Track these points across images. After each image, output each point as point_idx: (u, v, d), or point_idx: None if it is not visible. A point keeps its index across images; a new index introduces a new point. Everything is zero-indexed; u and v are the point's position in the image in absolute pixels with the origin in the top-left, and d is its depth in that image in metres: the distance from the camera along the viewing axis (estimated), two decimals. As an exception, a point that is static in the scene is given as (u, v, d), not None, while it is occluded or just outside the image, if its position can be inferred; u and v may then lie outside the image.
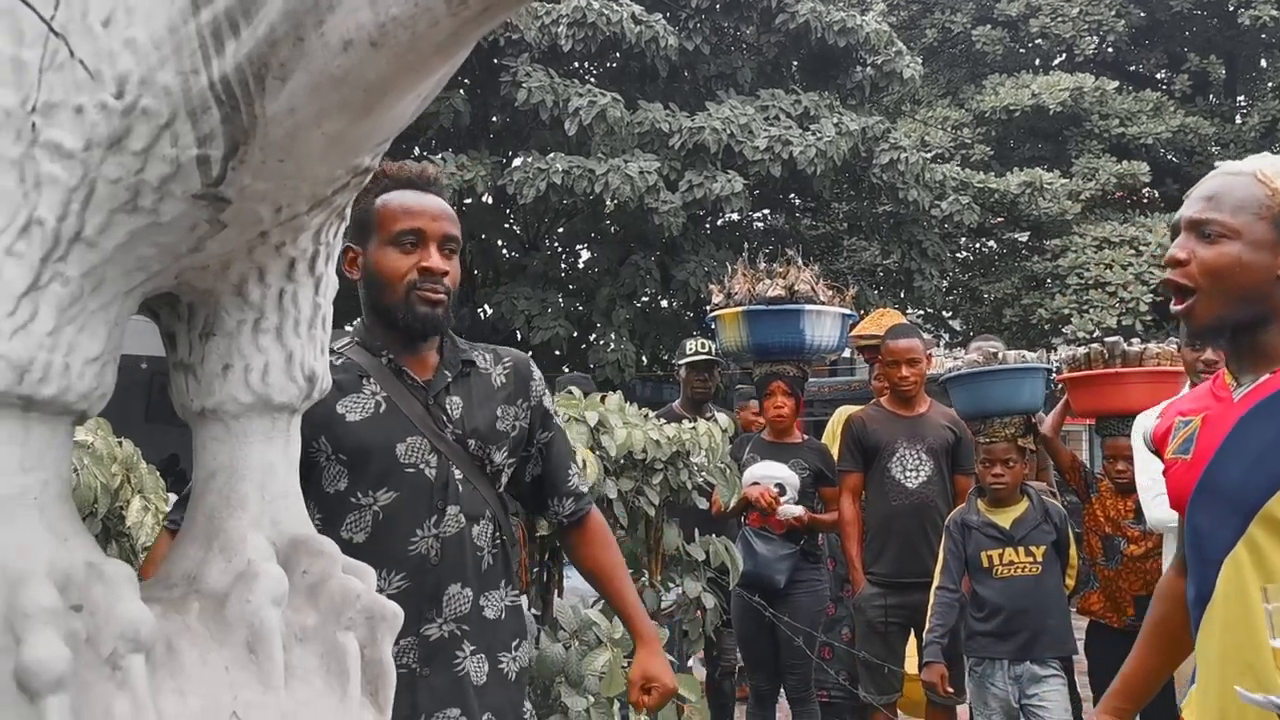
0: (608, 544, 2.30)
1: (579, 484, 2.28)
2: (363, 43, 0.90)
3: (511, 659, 2.07)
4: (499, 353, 2.20)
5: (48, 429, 1.05)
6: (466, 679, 1.97)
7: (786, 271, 5.43)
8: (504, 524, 2.10)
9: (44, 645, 0.92)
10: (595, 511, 2.30)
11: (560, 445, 2.26)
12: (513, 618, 2.10)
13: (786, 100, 12.94)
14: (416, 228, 1.98)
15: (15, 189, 0.99)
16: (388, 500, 1.96)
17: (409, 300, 1.98)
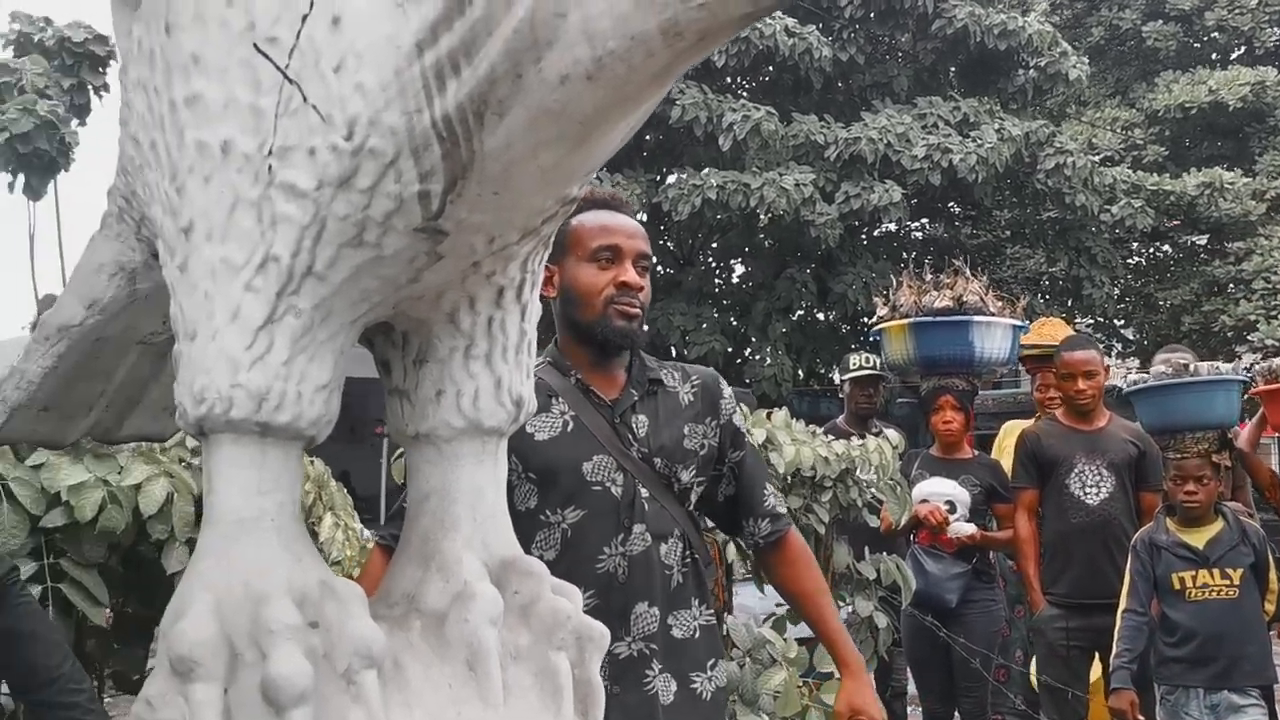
0: (809, 566, 2.23)
1: (775, 504, 2.23)
2: (579, 77, 0.93)
3: (706, 679, 2.05)
4: (688, 371, 2.19)
5: (282, 454, 1.11)
6: (655, 698, 1.97)
7: (954, 282, 5.31)
8: (695, 543, 2.09)
9: (288, 660, 0.97)
10: (794, 532, 2.24)
11: (753, 465, 2.22)
12: (706, 637, 2.08)
13: (945, 107, 12.67)
14: (613, 244, 2.01)
15: (254, 228, 1.06)
16: (575, 518, 1.99)
17: (606, 315, 2.01)
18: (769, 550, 2.21)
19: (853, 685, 2.14)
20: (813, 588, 2.21)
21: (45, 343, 1.42)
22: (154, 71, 1.13)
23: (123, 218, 1.36)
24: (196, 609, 1.03)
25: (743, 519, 2.20)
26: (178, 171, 1.10)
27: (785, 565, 2.21)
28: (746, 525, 2.20)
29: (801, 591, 2.21)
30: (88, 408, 1.54)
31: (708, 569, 2.17)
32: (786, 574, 2.22)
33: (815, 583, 2.22)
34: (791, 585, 2.22)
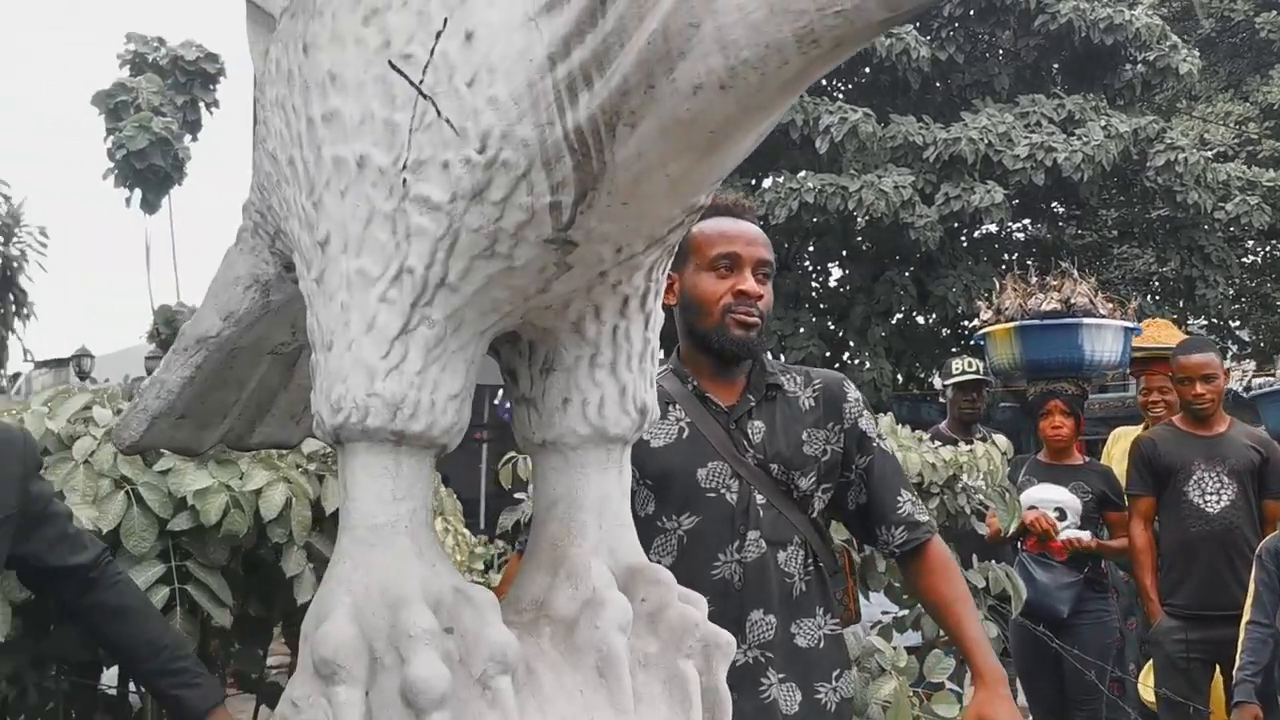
0: (949, 575, 2.13)
1: (913, 511, 2.13)
2: (712, 86, 0.93)
3: (831, 689, 2.02)
4: (811, 375, 2.16)
5: (416, 461, 1.14)
6: (774, 706, 1.95)
7: (1062, 283, 5.19)
8: (819, 551, 2.06)
9: (428, 665, 0.99)
10: (936, 541, 2.14)
11: (885, 470, 2.14)
12: (831, 648, 2.04)
13: (1048, 105, 12.39)
14: (732, 252, 2.00)
15: (388, 240, 1.08)
16: (690, 525, 1.99)
17: (724, 323, 2.00)
18: (908, 559, 2.13)
19: (985, 696, 2.02)
20: (952, 596, 2.11)
21: (184, 353, 1.47)
22: (292, 90, 1.16)
23: (257, 232, 1.41)
24: (337, 613, 1.05)
25: (876, 527, 2.12)
26: (315, 186, 1.13)
27: (925, 574, 2.12)
28: (880, 533, 2.12)
29: (939, 600, 2.12)
30: (222, 415, 1.59)
31: (835, 578, 2.13)
32: (926, 583, 2.13)
33: (955, 591, 2.12)
34: (930, 594, 2.13)
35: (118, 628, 1.89)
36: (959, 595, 2.12)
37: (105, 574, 1.90)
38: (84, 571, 1.87)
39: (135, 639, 1.85)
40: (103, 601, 1.88)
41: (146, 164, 11.54)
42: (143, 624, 1.88)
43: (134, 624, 1.87)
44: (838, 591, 2.17)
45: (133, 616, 1.88)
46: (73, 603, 1.90)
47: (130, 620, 1.88)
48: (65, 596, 1.90)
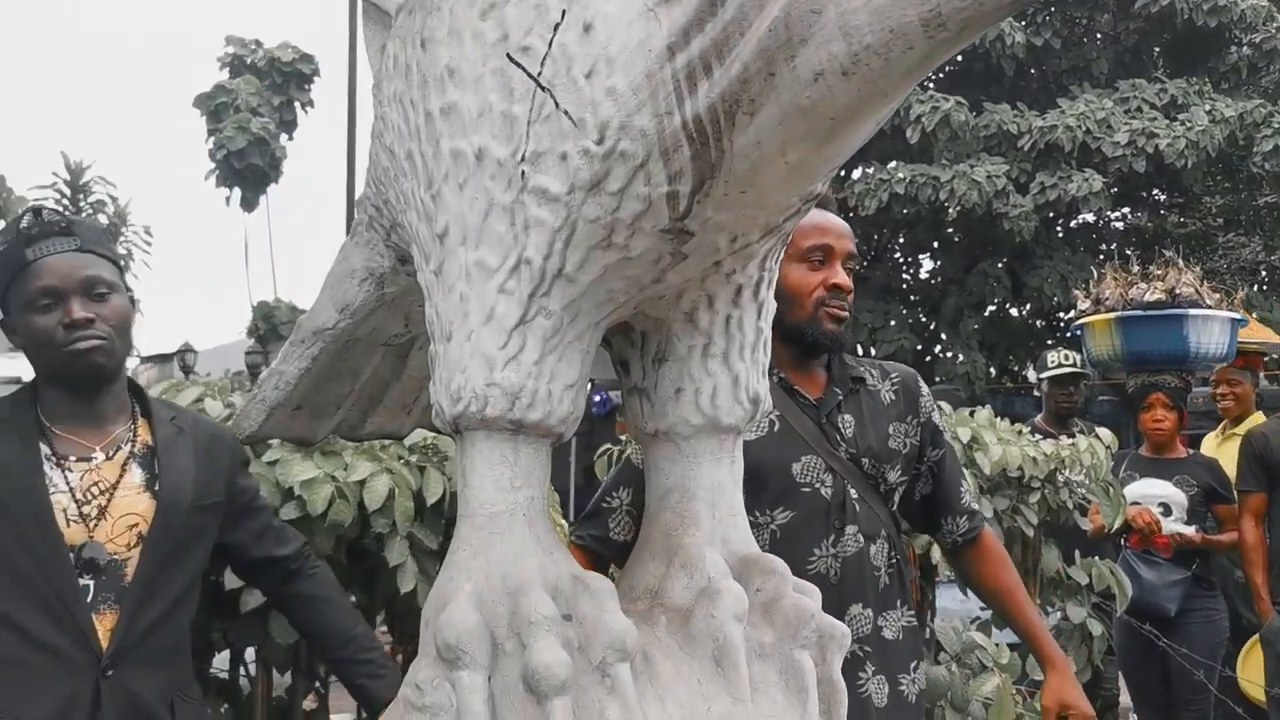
0: (1005, 563, 2.18)
1: (971, 502, 2.17)
2: (834, 73, 0.92)
3: (910, 680, 2.01)
4: (885, 368, 2.16)
5: (533, 450, 1.15)
6: (869, 701, 1.93)
7: (1165, 273, 5.04)
8: (897, 543, 2.06)
9: (549, 651, 1.00)
10: (988, 530, 2.18)
11: (951, 462, 2.17)
12: (910, 639, 2.04)
13: (1150, 90, 12.04)
14: (825, 244, 1.99)
15: (507, 232, 1.10)
16: (785, 519, 1.97)
17: (817, 316, 1.99)
18: (966, 548, 2.17)
19: (1059, 681, 2.08)
20: (1011, 583, 2.15)
21: (301, 345, 1.50)
22: (410, 85, 1.18)
23: (372, 226, 1.43)
24: (459, 600, 1.07)
25: (941, 517, 2.15)
26: (434, 179, 1.15)
27: (982, 563, 2.17)
28: (945, 523, 2.15)
29: (1000, 588, 2.16)
30: (336, 406, 1.62)
31: (906, 569, 2.13)
32: (984, 571, 2.17)
33: (1013, 578, 2.16)
34: (989, 582, 2.17)
35: (314, 616, 2.00)
36: (1017, 583, 2.16)
37: (305, 566, 2.03)
38: (286, 563, 1.99)
39: (329, 628, 1.97)
40: (302, 591, 1.99)
41: (245, 163, 11.85)
42: (337, 614, 1.99)
43: (329, 614, 1.98)
44: (907, 582, 2.17)
45: (328, 607, 1.99)
46: (275, 591, 2.02)
47: (326, 610, 1.99)
48: (269, 585, 2.02)
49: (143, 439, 1.82)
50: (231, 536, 1.93)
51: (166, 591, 1.77)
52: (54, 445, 1.74)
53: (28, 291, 1.72)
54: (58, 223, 1.75)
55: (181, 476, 1.81)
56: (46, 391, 1.79)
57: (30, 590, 1.65)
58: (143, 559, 1.73)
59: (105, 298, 1.75)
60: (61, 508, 1.69)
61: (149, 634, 1.73)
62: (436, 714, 1.04)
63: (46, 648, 1.65)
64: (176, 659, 1.84)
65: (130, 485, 1.76)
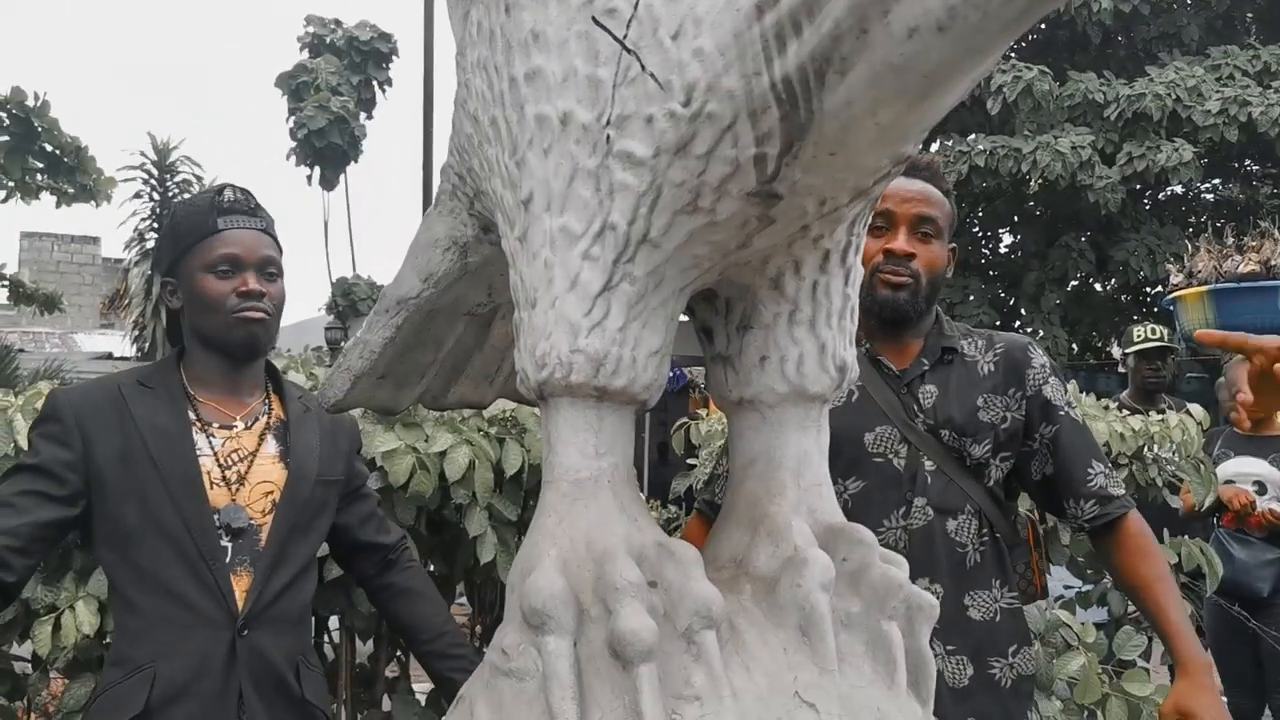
0: (1146, 553, 2.01)
1: (1106, 484, 2.03)
2: (929, 28, 0.89)
3: (1007, 665, 1.96)
4: (993, 339, 2.08)
5: (617, 417, 1.15)
6: (940, 678, 1.91)
7: (1260, 245, 4.89)
8: (996, 521, 1.99)
9: (635, 617, 1.00)
10: (1134, 516, 2.04)
11: (1074, 440, 2.04)
12: (1008, 621, 1.98)
13: (1242, 57, 11.62)
14: (885, 209, 1.96)
15: (591, 198, 1.09)
16: (856, 489, 1.95)
17: (872, 283, 1.96)
18: (1100, 535, 2.05)
19: (1186, 686, 1.90)
20: (1150, 576, 1.99)
21: (385, 314, 1.52)
22: (494, 51, 1.17)
23: (455, 195, 1.43)
24: (545, 565, 1.07)
25: (1064, 499, 2.05)
26: (518, 145, 1.14)
27: (1119, 552, 2.03)
28: (1068, 507, 2.04)
29: (1136, 580, 2.00)
30: (419, 376, 1.63)
31: (1015, 550, 2.06)
32: (1122, 561, 2.03)
33: (1155, 570, 1.99)
34: (1127, 573, 2.02)
35: (407, 608, 2.07)
36: (1159, 575, 1.99)
37: (402, 557, 2.12)
38: (385, 552, 2.07)
39: (420, 620, 2.04)
40: (396, 582, 2.07)
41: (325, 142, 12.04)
42: (428, 608, 2.06)
43: (421, 607, 2.05)
44: (1019, 564, 2.09)
45: (421, 600, 2.06)
46: (371, 580, 2.09)
47: (418, 603, 2.06)
48: (366, 572, 2.09)
49: (276, 413, 1.92)
50: (341, 517, 2.02)
51: (295, 558, 1.86)
52: (199, 411, 1.85)
53: (211, 256, 1.83)
54: (247, 202, 1.88)
55: (309, 451, 1.90)
56: (195, 358, 1.90)
57: (177, 549, 1.74)
58: (275, 525, 1.83)
59: (274, 279, 1.89)
60: (206, 470, 1.79)
61: (279, 598, 1.82)
62: (522, 678, 1.04)
63: (188, 604, 1.74)
64: (301, 626, 1.93)
65: (267, 455, 1.87)
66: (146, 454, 1.73)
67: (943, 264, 2.02)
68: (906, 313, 1.99)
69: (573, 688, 1.01)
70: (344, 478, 2.00)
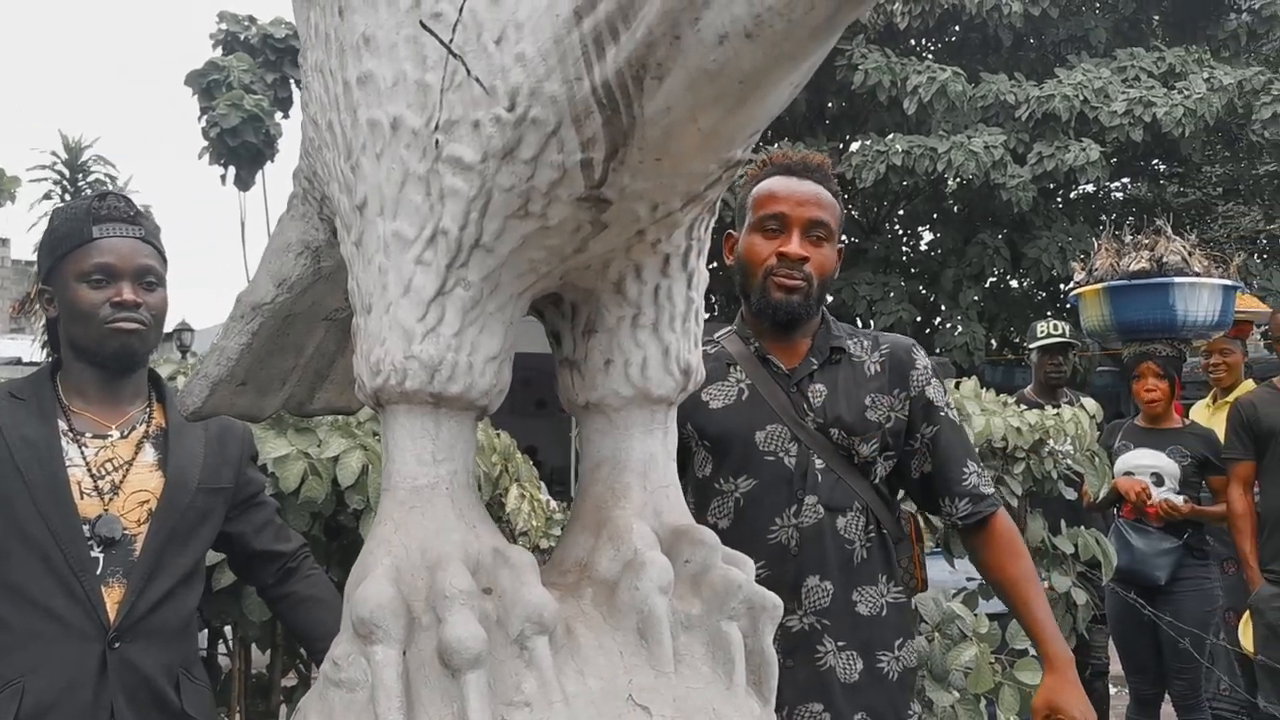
0: (1015, 552, 2.06)
1: (978, 484, 2.07)
2: (738, 35, 0.90)
3: (893, 658, 1.99)
4: (878, 339, 2.11)
5: (455, 424, 1.14)
6: (831, 674, 1.93)
7: (1154, 242, 5.03)
8: (883, 518, 2.02)
9: (463, 625, 1.00)
10: (1001, 515, 2.08)
11: (951, 440, 2.08)
12: (895, 616, 2.01)
13: (1148, 58, 11.95)
14: (780, 213, 1.97)
15: (423, 203, 1.08)
16: (748, 487, 1.97)
17: (765, 286, 1.98)
18: (970, 532, 2.08)
19: (1054, 682, 1.96)
20: (1016, 574, 2.04)
21: (241, 320, 1.49)
22: (329, 54, 1.16)
23: (306, 198, 1.42)
24: (376, 573, 1.06)
25: (939, 498, 2.08)
26: (352, 150, 1.13)
27: (988, 549, 2.06)
28: (944, 505, 2.08)
29: (1005, 578, 2.05)
30: (281, 382, 1.61)
31: (900, 545, 2.08)
32: (990, 558, 2.07)
33: (1020, 569, 2.04)
34: (994, 571, 2.07)
35: (307, 616, 2.04)
36: (1024, 573, 2.04)
37: (303, 565, 2.09)
38: (285, 560, 2.05)
39: (322, 629, 2.02)
40: (297, 591, 2.05)
41: (240, 141, 11.82)
42: (330, 616, 2.06)
43: (322, 614, 2.01)
44: (903, 559, 2.12)
45: (322, 608, 2.02)
46: (271, 589, 2.06)
47: (319, 610, 2.02)
48: (265, 581, 2.07)
49: (157, 421, 1.90)
50: (234, 526, 1.99)
51: (173, 569, 1.82)
52: (71, 422, 1.82)
53: (85, 265, 1.79)
54: (126, 209, 1.84)
55: (190, 458, 1.87)
56: (70, 368, 1.86)
57: (43, 561, 1.71)
58: (151, 534, 1.81)
59: (153, 288, 1.85)
60: (76, 481, 1.75)
61: (155, 610, 1.79)
62: (353, 689, 1.03)
63: (56, 618, 1.71)
64: (183, 638, 1.89)
65: (144, 464, 1.83)
66: (13, 465, 1.71)
67: (833, 266, 2.04)
68: (800, 315, 2.01)
69: (400, 697, 1.00)
70: (233, 485, 1.96)
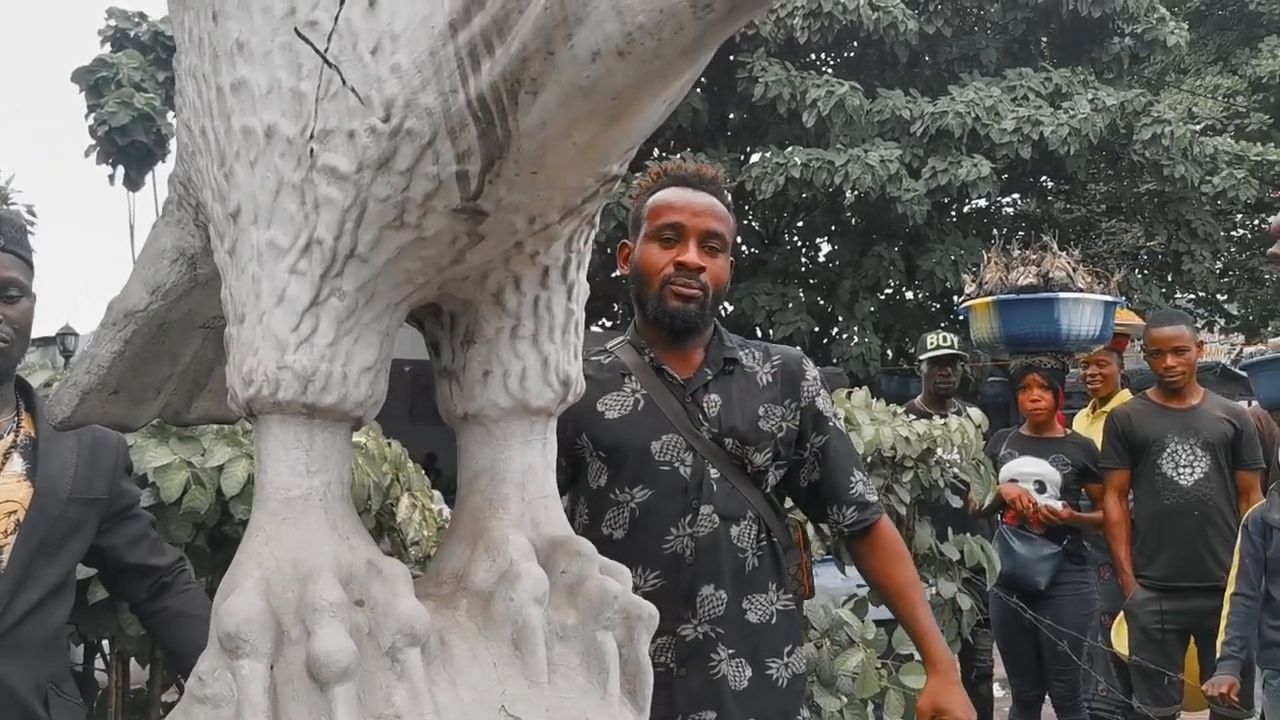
0: (899, 558, 2.10)
1: (864, 492, 2.12)
2: (610, 53, 0.91)
3: (783, 665, 2.01)
4: (770, 350, 2.14)
5: (329, 434, 1.13)
6: (724, 682, 1.94)
7: (1040, 257, 5.19)
8: (773, 526, 2.05)
9: (332, 638, 0.99)
10: (885, 523, 2.12)
11: (839, 450, 2.12)
12: (784, 623, 2.03)
13: (1035, 78, 12.35)
14: (676, 223, 1.98)
15: (297, 212, 1.07)
16: (643, 498, 1.98)
17: (662, 294, 1.99)
18: (856, 539, 2.12)
19: (938, 684, 2.00)
20: (902, 581, 2.08)
21: (113, 327, 1.46)
22: (203, 59, 1.15)
23: (182, 204, 1.39)
24: (245, 586, 1.05)
25: (827, 506, 2.12)
26: (225, 157, 1.12)
27: (873, 556, 2.11)
28: (831, 513, 2.11)
29: (889, 584, 2.09)
30: (156, 391, 1.58)
31: (789, 553, 2.11)
32: (874, 565, 2.11)
33: (904, 575, 2.09)
34: (879, 578, 2.11)
35: (180, 632, 1.97)
36: (908, 579, 2.09)
37: (178, 580, 2.03)
38: (159, 574, 1.99)
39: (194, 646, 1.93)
40: (171, 606, 1.99)
41: (129, 140, 11.48)
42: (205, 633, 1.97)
43: (197, 631, 1.96)
44: (791, 567, 2.15)
45: (197, 624, 1.94)
46: (144, 604, 2.00)
47: (194, 627, 1.95)
48: (138, 596, 2.00)
49: (26, 431, 1.85)
50: (107, 540, 1.93)
51: (41, 581, 1.77)
52: None
53: None
54: None
55: (61, 468, 1.82)
56: None
57: None
58: (18, 546, 1.76)
59: (15, 301, 1.80)
60: None
61: (22, 622, 1.75)
62: (218, 705, 1.01)
63: None
64: (52, 652, 1.83)
65: (11, 473, 1.78)
66: None
67: (727, 277, 2.07)
68: (696, 324, 2.02)
69: (266, 712, 0.99)
70: (106, 497, 1.91)
